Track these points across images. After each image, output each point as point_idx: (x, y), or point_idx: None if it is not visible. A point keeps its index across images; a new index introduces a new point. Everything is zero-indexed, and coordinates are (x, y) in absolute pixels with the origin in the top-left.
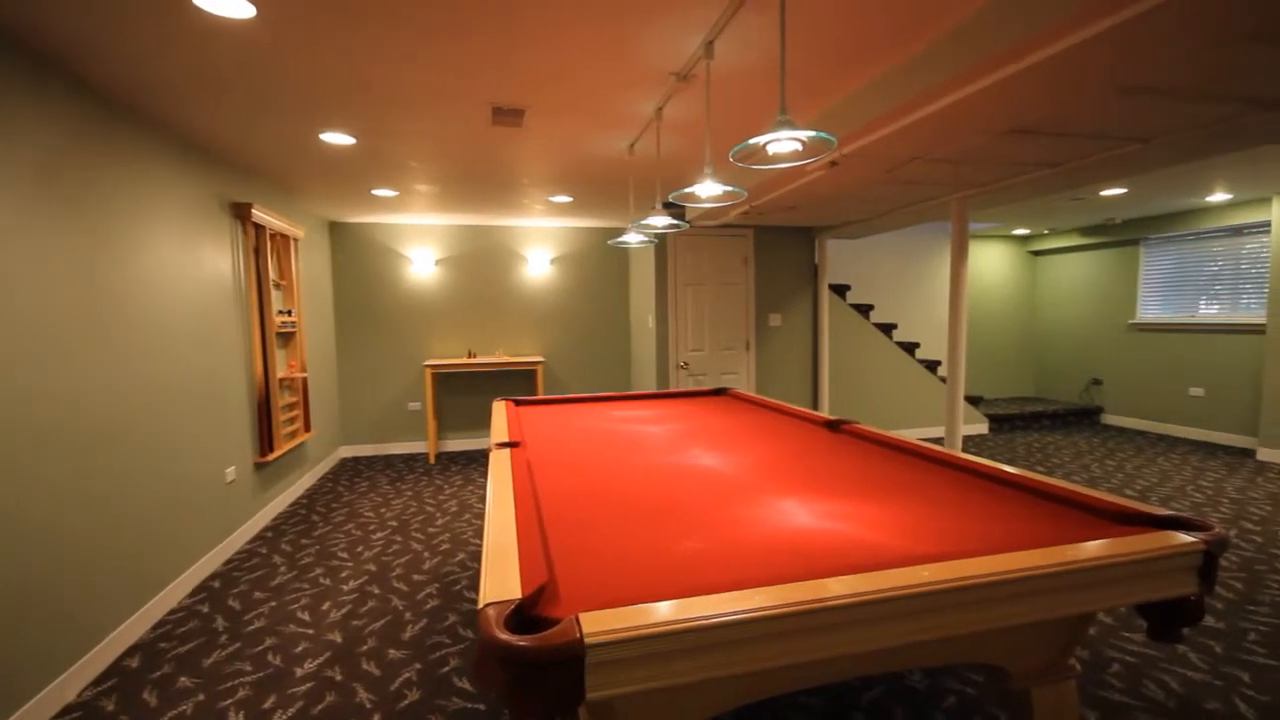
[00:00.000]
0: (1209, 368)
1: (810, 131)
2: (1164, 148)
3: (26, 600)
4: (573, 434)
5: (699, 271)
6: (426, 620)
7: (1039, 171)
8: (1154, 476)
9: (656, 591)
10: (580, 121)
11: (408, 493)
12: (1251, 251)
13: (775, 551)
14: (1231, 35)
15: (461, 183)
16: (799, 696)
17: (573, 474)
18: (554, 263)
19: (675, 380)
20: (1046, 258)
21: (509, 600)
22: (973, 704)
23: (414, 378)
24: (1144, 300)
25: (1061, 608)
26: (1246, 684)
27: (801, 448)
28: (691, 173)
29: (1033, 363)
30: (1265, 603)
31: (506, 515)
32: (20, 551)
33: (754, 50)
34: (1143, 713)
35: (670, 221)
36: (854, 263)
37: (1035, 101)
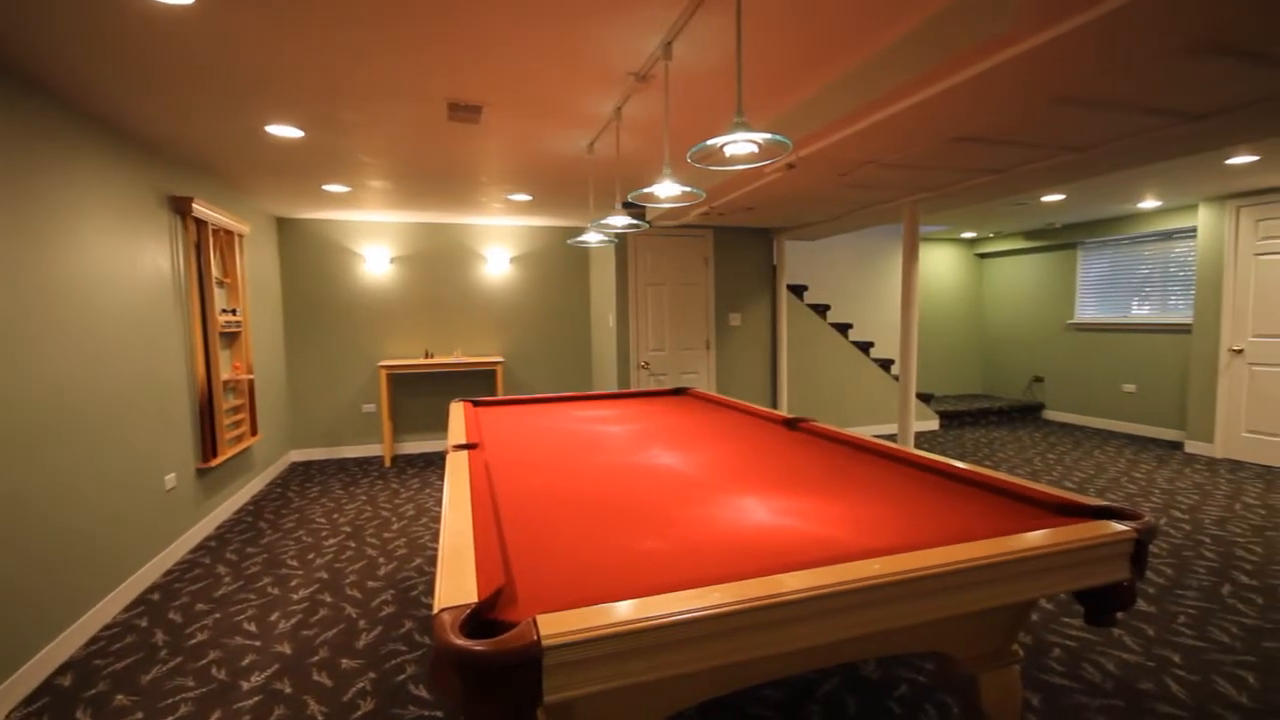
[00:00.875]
0: (1141, 365)
1: (766, 134)
2: (1098, 157)
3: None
4: (532, 435)
5: (659, 271)
6: (382, 628)
7: (984, 177)
8: (1091, 469)
9: (616, 591)
10: (539, 119)
11: (362, 497)
12: (1179, 255)
13: (734, 549)
14: (1162, 50)
15: (417, 179)
16: (759, 690)
17: (532, 475)
18: (514, 262)
19: (636, 380)
20: (992, 260)
21: (464, 604)
22: (924, 692)
23: (368, 379)
24: (1081, 301)
25: (1005, 596)
26: (1177, 664)
27: (760, 446)
28: (651, 173)
29: (980, 361)
30: (1193, 587)
31: (463, 518)
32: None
33: (712, 52)
34: (1081, 694)
35: (630, 221)
36: (811, 263)
37: (977, 111)
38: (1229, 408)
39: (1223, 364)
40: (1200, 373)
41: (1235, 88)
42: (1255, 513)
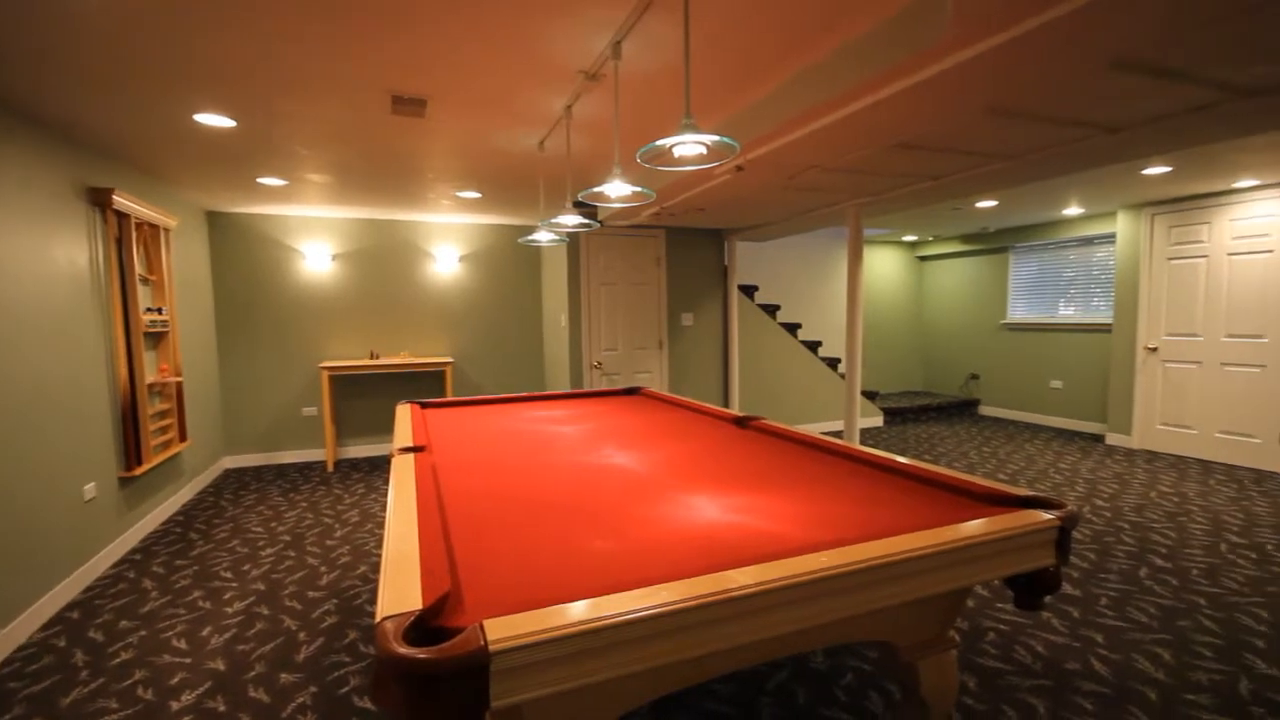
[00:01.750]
0: (1066, 363)
1: (714, 136)
2: (1026, 165)
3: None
4: (482, 436)
5: (612, 271)
6: (323, 639)
7: (922, 183)
8: (1022, 461)
9: (566, 593)
10: (488, 115)
11: (302, 504)
12: (1101, 259)
13: (684, 546)
14: (1083, 66)
15: (359, 173)
16: (711, 685)
17: (481, 477)
18: (463, 260)
19: (589, 380)
20: (931, 262)
21: (408, 612)
22: (869, 679)
23: (308, 381)
24: (1013, 302)
25: (942, 583)
26: (1100, 644)
27: (711, 444)
28: (602, 172)
29: (921, 359)
30: (1114, 570)
31: (407, 523)
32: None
33: (662, 53)
34: (1013, 675)
35: (581, 220)
36: (762, 264)
37: (915, 119)
38: (1145, 402)
39: (1139, 361)
40: (1119, 369)
41: (1149, 103)
42: (1169, 500)
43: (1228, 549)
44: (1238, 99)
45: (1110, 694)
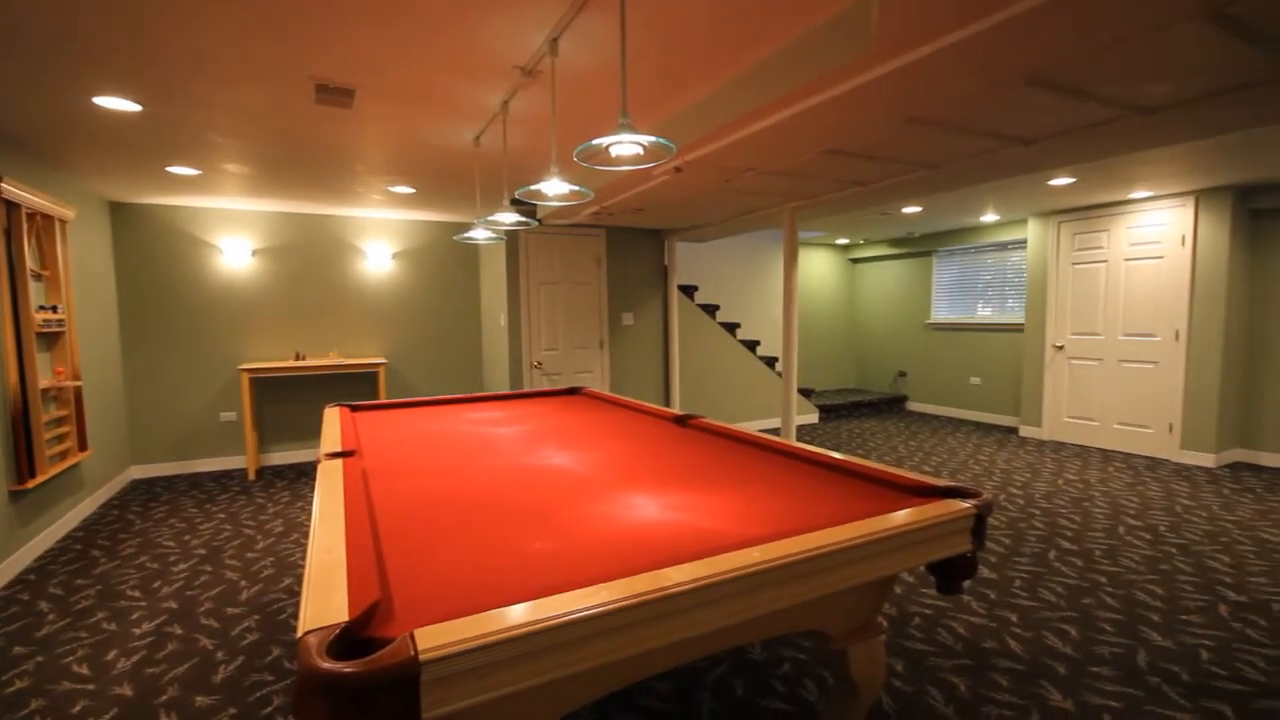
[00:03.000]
0: (984, 360)
1: (650, 137)
2: (947, 174)
3: None
4: (417, 439)
5: (551, 270)
6: (244, 658)
7: (853, 188)
8: (945, 453)
9: (503, 597)
10: (420, 108)
11: (220, 515)
12: (1014, 263)
13: (624, 545)
14: (995, 81)
15: (282, 165)
16: (650, 682)
17: (415, 481)
18: (396, 257)
19: (529, 380)
20: (863, 265)
21: (333, 625)
22: (804, 668)
23: (226, 384)
24: (936, 303)
25: (869, 573)
26: (1014, 623)
27: (651, 443)
28: (540, 170)
29: (854, 357)
30: (1026, 554)
31: (334, 532)
32: None
33: (599, 52)
34: (937, 656)
35: (519, 218)
36: (701, 265)
37: (843, 126)
38: (1053, 396)
39: (1048, 359)
40: (1030, 366)
41: (1057, 118)
42: (1074, 486)
43: (1125, 531)
44: (1134, 116)
45: (1023, 669)
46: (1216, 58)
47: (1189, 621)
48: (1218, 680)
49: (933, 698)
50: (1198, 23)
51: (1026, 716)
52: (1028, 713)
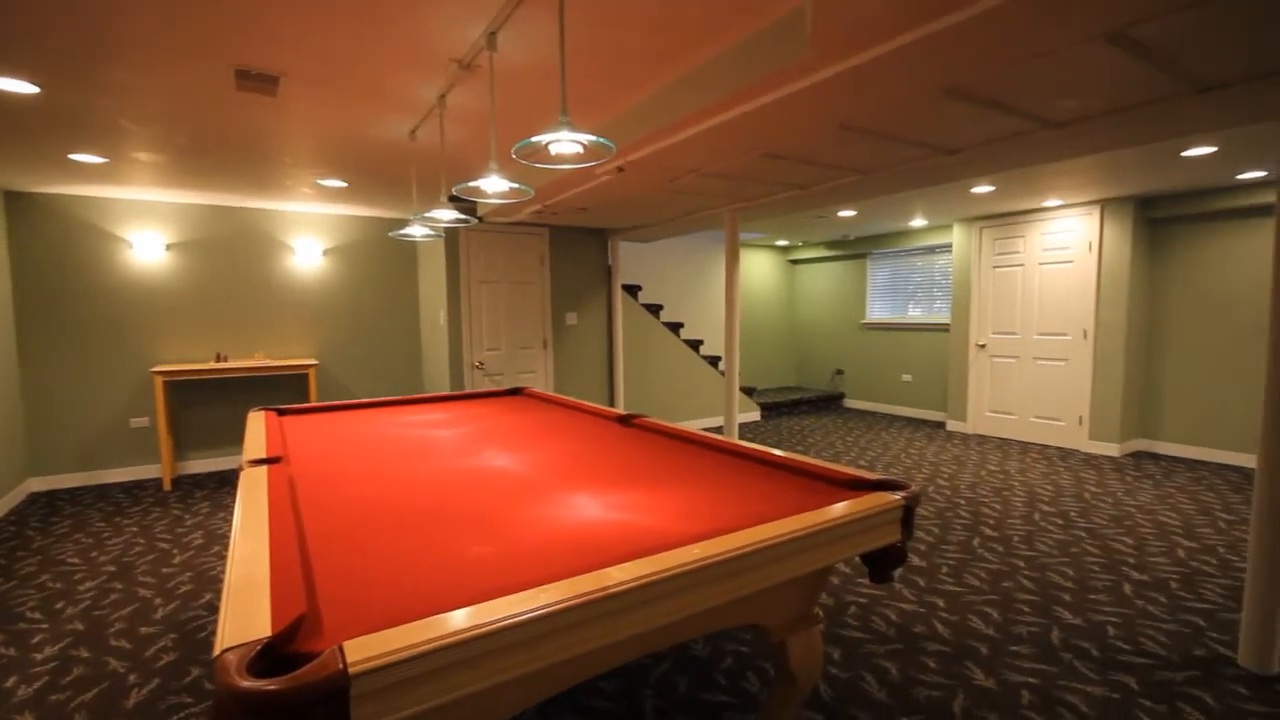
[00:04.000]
0: (915, 358)
1: (590, 136)
2: (878, 179)
3: None
4: (350, 443)
5: (493, 269)
6: (159, 680)
7: (791, 191)
8: (879, 448)
9: (440, 603)
10: (351, 99)
11: (132, 529)
12: (941, 266)
13: (565, 546)
14: (920, 92)
15: (200, 154)
16: (595, 682)
17: (347, 487)
18: (328, 254)
19: (470, 381)
20: (802, 266)
21: (254, 641)
22: (746, 661)
23: (138, 388)
24: (870, 304)
25: (805, 565)
26: (942, 608)
27: (594, 443)
28: (479, 166)
29: (794, 356)
30: (953, 542)
31: (256, 542)
32: None
33: (539, 48)
34: (871, 643)
35: (457, 215)
36: (645, 265)
37: (780, 131)
38: (977, 392)
39: (971, 356)
40: (956, 364)
41: (976, 129)
42: (996, 477)
43: (1040, 517)
44: (1046, 129)
45: (950, 651)
46: (1116, 76)
47: (1097, 600)
48: (1123, 654)
49: (867, 683)
50: (1099, 44)
51: (952, 696)
52: (954, 693)
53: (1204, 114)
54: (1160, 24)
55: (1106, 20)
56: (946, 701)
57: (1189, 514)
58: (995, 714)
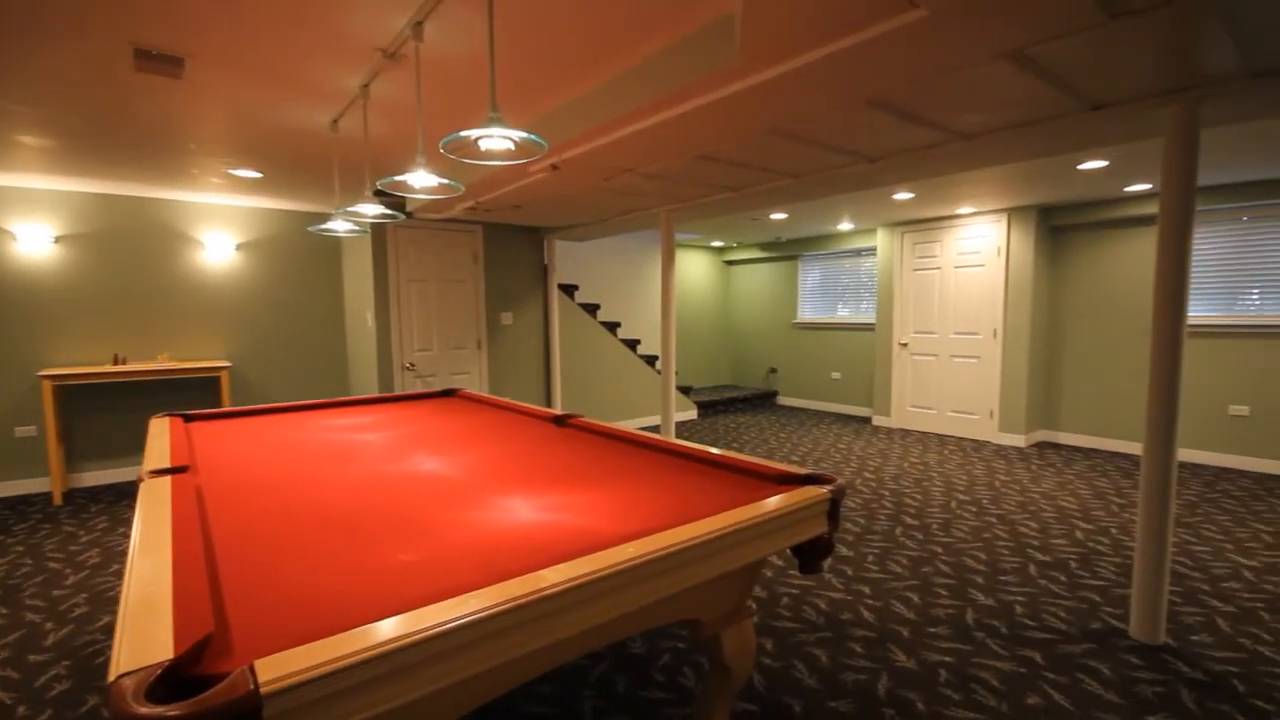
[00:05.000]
0: (843, 357)
1: (521, 132)
2: (807, 184)
3: None
4: (267, 450)
5: (424, 267)
6: (52, 711)
7: (724, 194)
8: (810, 444)
9: (364, 615)
10: (266, 85)
11: (17, 548)
12: (867, 269)
13: (498, 550)
14: (842, 101)
15: (94, 139)
16: (532, 686)
17: (263, 496)
18: (242, 249)
19: (401, 383)
20: (736, 267)
21: (154, 664)
22: (682, 657)
23: (23, 393)
24: (802, 304)
25: (737, 560)
26: (868, 595)
27: (528, 445)
28: (406, 160)
29: (729, 355)
30: (878, 532)
31: (156, 559)
32: None
33: (469, 41)
34: (803, 632)
35: (383, 211)
36: (581, 264)
37: (712, 134)
38: (899, 388)
39: (894, 355)
40: (881, 362)
41: (895, 138)
42: (917, 469)
43: (956, 505)
44: (957, 141)
45: (875, 636)
46: (1018, 94)
47: (1006, 581)
48: (1029, 631)
49: (798, 671)
50: (1003, 62)
51: (877, 679)
52: (878, 675)
53: (1096, 130)
54: (1056, 46)
55: (1007, 40)
56: (871, 684)
57: (1086, 498)
58: (916, 693)
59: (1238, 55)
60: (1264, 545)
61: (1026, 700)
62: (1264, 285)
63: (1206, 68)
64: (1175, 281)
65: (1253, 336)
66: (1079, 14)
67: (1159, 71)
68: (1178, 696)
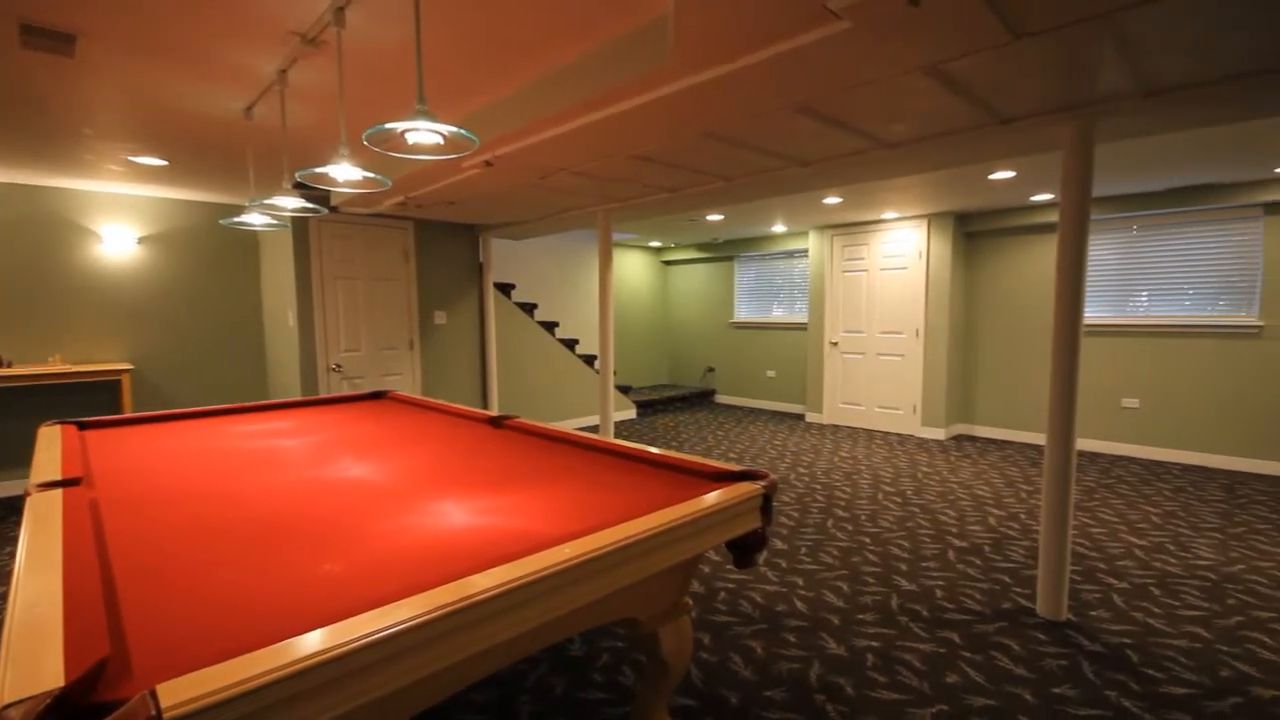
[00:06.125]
0: (778, 355)
1: (450, 127)
2: (740, 186)
3: None
4: (174, 459)
5: (352, 264)
6: None
7: (660, 194)
8: (747, 441)
9: (282, 630)
10: (168, 66)
11: None
12: (800, 270)
13: (428, 557)
14: (772, 107)
15: None
16: (467, 694)
17: (170, 509)
18: (144, 242)
19: (326, 385)
20: (674, 267)
21: (44, 693)
22: (621, 656)
23: None
24: (738, 304)
25: (672, 557)
26: (801, 586)
27: (463, 447)
28: (329, 151)
29: (668, 354)
30: (810, 525)
31: (46, 579)
32: None
33: (395, 30)
34: (739, 625)
35: (303, 204)
36: (518, 262)
37: (646, 135)
38: (831, 385)
39: (826, 353)
40: (813, 360)
41: (824, 144)
42: (847, 463)
43: (883, 497)
44: (881, 149)
45: (807, 625)
46: (936, 106)
47: (928, 567)
48: (948, 613)
49: (735, 663)
50: (920, 76)
51: (809, 666)
52: (810, 663)
53: (1005, 143)
54: (968, 62)
55: (924, 55)
56: (804, 672)
57: (998, 487)
58: (845, 678)
59: (1130, 76)
60: (1153, 526)
61: (946, 679)
62: (1152, 288)
63: (1101, 87)
64: (1073, 284)
65: (1142, 335)
66: (987, 33)
67: (1059, 90)
68: (1079, 668)
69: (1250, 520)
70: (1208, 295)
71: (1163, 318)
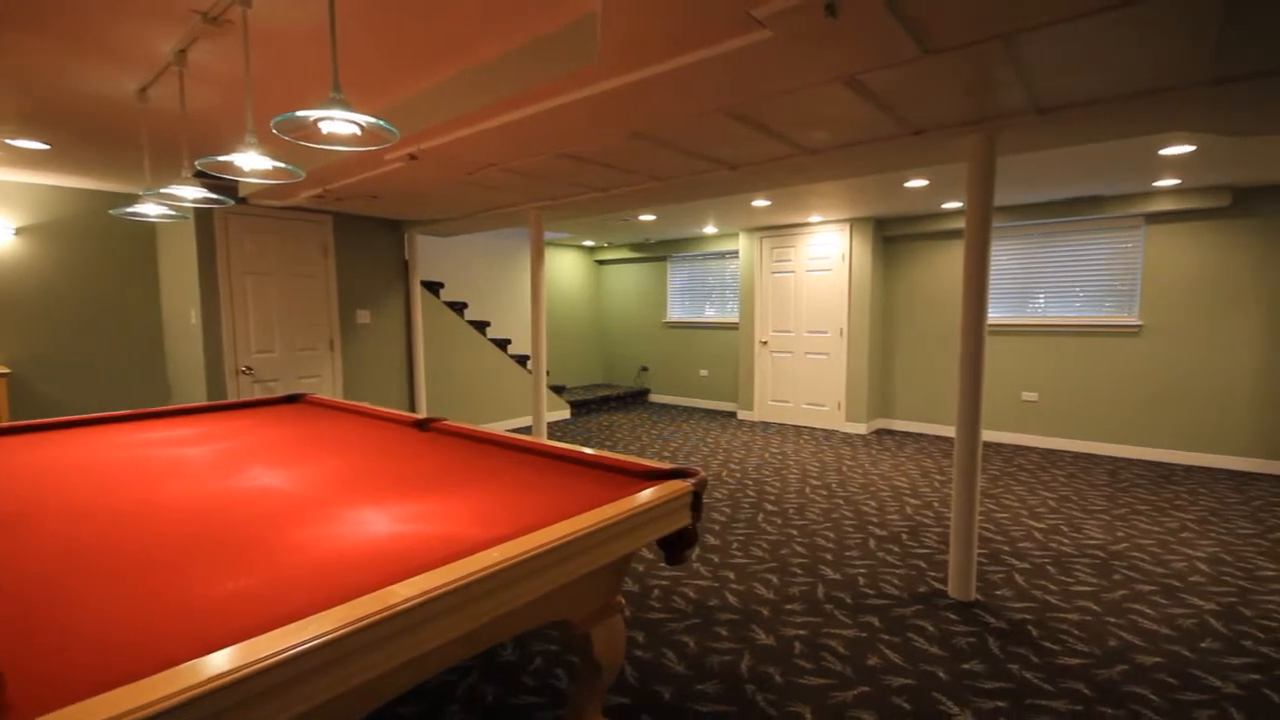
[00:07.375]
0: (711, 355)
1: (367, 117)
2: (671, 186)
3: None
4: (57, 472)
5: (264, 259)
6: None
7: (591, 193)
8: (681, 439)
9: (179, 654)
10: (47, 41)
11: None
12: (731, 271)
13: (347, 567)
14: (701, 111)
15: None
16: (393, 708)
17: (51, 527)
18: (23, 233)
19: (235, 389)
20: (608, 266)
21: None
22: (555, 659)
23: None
24: (671, 304)
25: (602, 557)
26: (732, 580)
27: (386, 451)
28: (235, 138)
29: (602, 354)
30: (742, 520)
31: None
32: None
33: (307, 13)
34: (673, 621)
35: (206, 194)
36: (447, 260)
37: (574, 133)
38: (761, 384)
39: (756, 352)
40: (744, 359)
41: (752, 148)
42: (776, 458)
43: (810, 490)
44: (804, 155)
45: (739, 618)
46: (855, 115)
47: (851, 556)
48: (870, 599)
49: (669, 659)
50: (839, 86)
51: (741, 658)
52: (741, 655)
53: (918, 153)
54: (883, 75)
55: (843, 65)
56: (736, 664)
57: (915, 477)
58: (774, 667)
59: (1025, 94)
60: (1050, 510)
61: (867, 662)
62: (1048, 291)
63: (1002, 103)
64: (978, 287)
65: (1040, 334)
66: (898, 47)
67: (964, 104)
68: (986, 645)
69: (1132, 502)
70: (1096, 297)
71: (1058, 318)
